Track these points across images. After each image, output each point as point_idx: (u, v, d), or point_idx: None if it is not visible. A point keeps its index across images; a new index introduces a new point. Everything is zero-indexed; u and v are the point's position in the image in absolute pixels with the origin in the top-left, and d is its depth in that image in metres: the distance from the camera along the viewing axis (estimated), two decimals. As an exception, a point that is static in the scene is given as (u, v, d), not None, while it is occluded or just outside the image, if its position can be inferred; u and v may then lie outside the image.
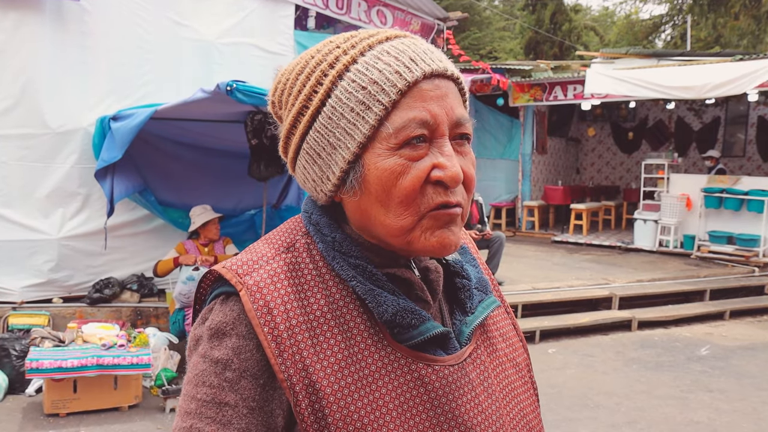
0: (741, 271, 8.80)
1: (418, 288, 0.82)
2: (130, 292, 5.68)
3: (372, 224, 0.79)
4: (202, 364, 0.76)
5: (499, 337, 0.92)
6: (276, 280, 0.77)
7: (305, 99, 0.79)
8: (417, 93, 0.75)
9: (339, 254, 0.80)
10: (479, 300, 0.88)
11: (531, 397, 0.93)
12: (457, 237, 0.79)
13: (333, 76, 0.77)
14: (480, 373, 0.83)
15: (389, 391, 0.76)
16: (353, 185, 0.77)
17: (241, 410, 0.73)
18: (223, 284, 0.79)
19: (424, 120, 0.74)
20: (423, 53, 0.78)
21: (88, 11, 5.52)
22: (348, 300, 0.78)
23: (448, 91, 0.78)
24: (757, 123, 13.27)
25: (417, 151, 0.75)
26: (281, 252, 0.81)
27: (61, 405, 4.30)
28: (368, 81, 0.75)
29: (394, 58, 0.76)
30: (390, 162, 0.74)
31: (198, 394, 0.75)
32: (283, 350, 0.73)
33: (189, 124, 5.58)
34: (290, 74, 0.82)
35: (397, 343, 0.78)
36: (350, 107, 0.75)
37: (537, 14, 21.95)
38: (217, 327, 0.76)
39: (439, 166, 0.75)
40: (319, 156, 0.79)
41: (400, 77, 0.74)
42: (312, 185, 0.82)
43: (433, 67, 0.76)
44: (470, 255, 0.96)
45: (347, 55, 0.78)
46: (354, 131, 0.75)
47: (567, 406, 4.68)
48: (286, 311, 0.75)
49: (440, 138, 0.76)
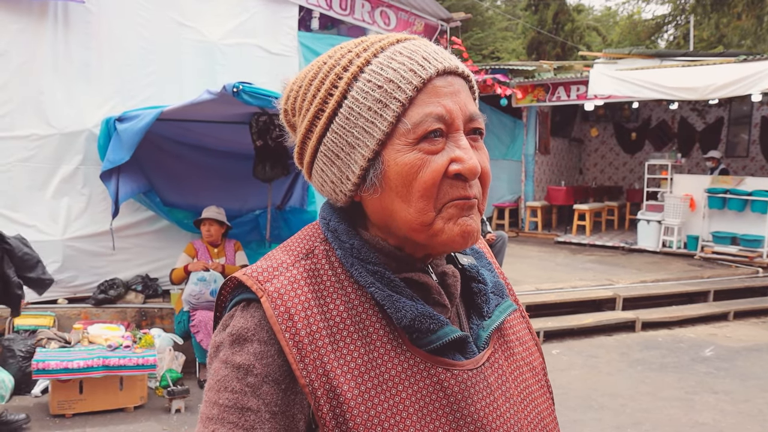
0: (745, 271, 8.79)
1: (436, 292, 0.83)
2: (135, 293, 5.69)
3: (393, 221, 0.80)
4: (224, 370, 0.76)
5: (516, 341, 0.93)
6: (296, 287, 0.78)
7: (321, 102, 0.80)
8: (431, 89, 0.77)
9: (357, 261, 0.81)
10: (496, 304, 0.89)
11: (547, 401, 0.94)
12: (477, 225, 0.80)
13: (348, 78, 0.79)
14: (498, 377, 0.84)
15: (409, 395, 0.76)
16: (373, 182, 0.79)
17: (264, 415, 0.74)
18: (243, 291, 0.80)
19: (440, 115, 0.77)
20: (434, 53, 0.80)
21: (93, 13, 5.54)
22: (367, 306, 0.79)
23: (461, 88, 0.80)
24: (760, 123, 13.24)
25: (435, 146, 0.77)
26: (300, 259, 0.82)
27: (66, 406, 4.31)
28: (384, 80, 0.77)
29: (408, 58, 0.78)
30: (409, 156, 0.76)
31: (220, 400, 0.75)
32: (304, 356, 0.74)
33: (194, 125, 5.59)
34: (303, 81, 0.84)
35: (416, 347, 0.79)
36: (368, 106, 0.77)
37: (539, 14, 21.95)
38: (239, 333, 0.77)
39: (457, 160, 0.77)
40: (337, 157, 0.80)
41: (415, 75, 0.77)
42: (331, 187, 0.83)
43: (446, 64, 0.79)
44: (486, 260, 0.97)
45: (360, 57, 0.80)
46: (373, 129, 0.77)
47: (572, 408, 4.68)
48: (307, 317, 0.76)
49: (455, 132, 0.78)
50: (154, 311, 5.58)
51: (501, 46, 22.65)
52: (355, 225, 0.85)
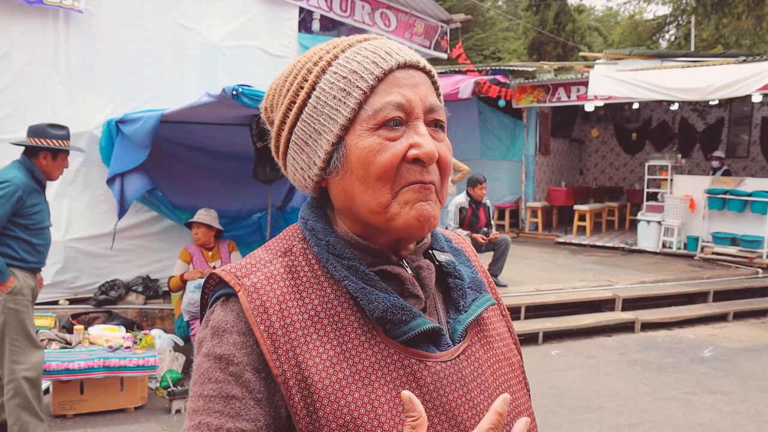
0: (745, 272, 8.79)
1: (410, 283, 0.86)
2: (136, 294, 5.72)
3: (354, 203, 0.84)
4: (207, 363, 0.80)
5: (496, 336, 0.95)
6: (272, 281, 0.82)
7: (293, 95, 0.86)
8: (392, 80, 0.83)
9: (333, 256, 0.84)
10: (473, 299, 0.91)
11: (525, 395, 0.96)
12: (435, 211, 0.83)
13: (317, 71, 0.85)
14: (474, 370, 0.86)
15: (382, 385, 0.78)
16: (336, 165, 0.83)
17: (248, 402, 0.76)
18: (223, 287, 0.84)
19: (399, 103, 0.81)
20: (398, 49, 0.86)
21: (94, 15, 5.57)
22: (342, 299, 0.82)
23: (421, 81, 0.85)
24: (761, 124, 13.24)
25: (394, 133, 0.81)
26: (278, 256, 0.86)
27: (68, 406, 4.33)
28: (348, 71, 0.83)
29: (371, 52, 0.84)
30: (369, 141, 0.81)
31: (204, 391, 0.78)
32: (277, 347, 0.77)
33: (194, 126, 5.61)
34: (279, 79, 0.90)
35: (389, 339, 0.81)
36: (332, 95, 0.83)
37: (540, 15, 21.97)
38: (218, 326, 0.80)
39: (415, 145, 0.81)
40: (306, 143, 0.86)
41: (376, 66, 0.82)
42: (300, 174, 0.89)
43: (407, 58, 0.85)
44: (465, 257, 0.99)
45: (329, 53, 0.86)
46: (336, 115, 0.82)
47: (570, 408, 4.70)
48: (282, 310, 0.79)
49: (415, 120, 0.83)
50: (155, 312, 5.61)
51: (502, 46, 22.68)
52: (331, 224, 0.89)
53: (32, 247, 3.73)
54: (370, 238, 0.86)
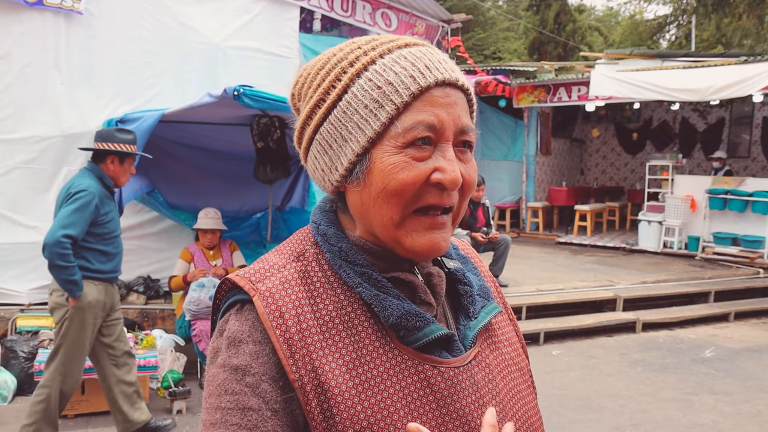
0: (746, 272, 8.79)
1: (422, 291, 0.86)
2: (137, 294, 5.72)
3: (368, 215, 0.83)
4: (223, 374, 0.79)
5: (505, 341, 0.96)
6: (287, 287, 0.81)
7: (323, 92, 0.83)
8: (428, 98, 0.80)
9: (345, 263, 0.84)
10: (482, 306, 0.91)
11: (533, 400, 0.96)
12: (446, 240, 0.83)
13: (352, 73, 0.82)
14: (485, 375, 0.86)
15: (396, 391, 0.79)
16: (358, 176, 0.82)
17: (265, 413, 0.76)
18: (237, 292, 0.83)
19: (431, 123, 0.79)
20: (438, 62, 0.82)
21: (95, 15, 5.56)
22: (355, 306, 0.82)
23: (457, 100, 0.82)
24: (761, 124, 13.23)
25: (421, 153, 0.79)
26: (291, 261, 0.85)
27: (69, 406, 4.32)
28: (384, 81, 0.80)
29: (410, 63, 0.80)
30: (395, 159, 0.79)
31: (221, 403, 0.77)
32: (294, 352, 0.77)
33: (195, 127, 5.61)
34: (312, 69, 0.87)
35: (403, 345, 0.81)
36: (364, 104, 0.80)
37: (541, 14, 21.97)
38: (234, 335, 0.80)
39: (440, 170, 0.79)
40: (330, 147, 0.84)
41: (413, 81, 0.79)
42: (321, 175, 0.87)
43: (446, 76, 0.81)
44: (471, 264, 1.00)
45: (367, 56, 0.83)
46: (365, 126, 0.80)
47: (571, 408, 4.70)
48: (297, 315, 0.79)
49: (444, 143, 0.80)
50: (156, 312, 5.60)
51: (502, 46, 22.67)
52: (343, 229, 0.88)
53: (107, 256, 3.66)
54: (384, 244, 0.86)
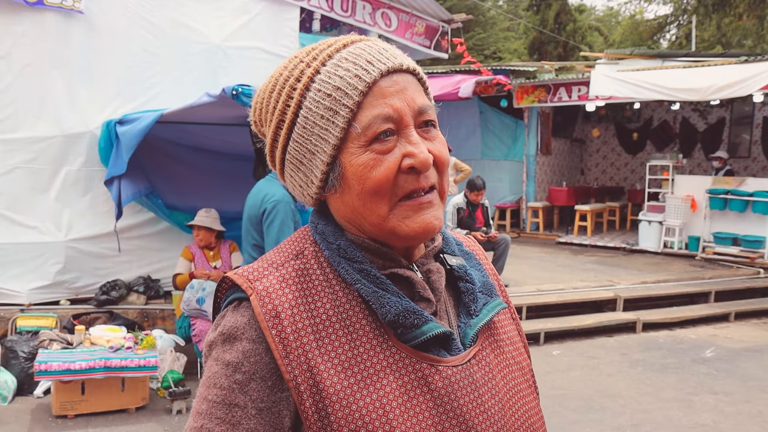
0: (746, 272, 8.78)
1: (420, 286, 0.86)
2: (137, 294, 5.72)
3: (355, 217, 0.84)
4: (215, 367, 0.80)
5: (507, 340, 0.95)
6: (284, 285, 0.82)
7: (280, 114, 0.85)
8: (377, 91, 0.81)
9: (344, 260, 0.84)
10: (484, 303, 0.91)
11: (535, 399, 0.96)
12: (438, 218, 0.83)
13: (300, 89, 0.83)
14: (485, 374, 0.86)
15: (393, 389, 0.78)
16: (334, 184, 0.83)
17: (250, 411, 0.77)
18: (235, 290, 0.84)
19: (387, 115, 0.80)
20: (378, 53, 0.83)
21: (95, 15, 5.56)
22: (354, 303, 0.82)
23: (407, 84, 0.83)
24: (762, 124, 13.22)
25: (386, 145, 0.80)
26: (290, 259, 0.86)
27: (69, 406, 4.33)
28: (332, 88, 0.81)
29: (352, 63, 0.81)
30: (363, 158, 0.80)
31: (209, 396, 0.79)
32: (289, 352, 0.77)
33: (194, 127, 5.60)
34: (264, 93, 0.88)
35: (401, 343, 0.81)
36: (320, 114, 0.81)
37: (541, 14, 21.97)
38: (229, 332, 0.80)
39: (409, 155, 0.80)
40: (301, 163, 0.85)
41: (359, 80, 0.80)
42: (300, 191, 0.89)
43: (389, 65, 0.82)
44: (475, 260, 0.99)
45: (310, 67, 0.83)
46: (327, 135, 0.81)
47: (572, 409, 4.69)
48: (293, 315, 0.79)
49: (405, 128, 0.81)
50: (156, 312, 5.60)
51: (503, 46, 22.68)
52: (341, 227, 0.88)
53: None
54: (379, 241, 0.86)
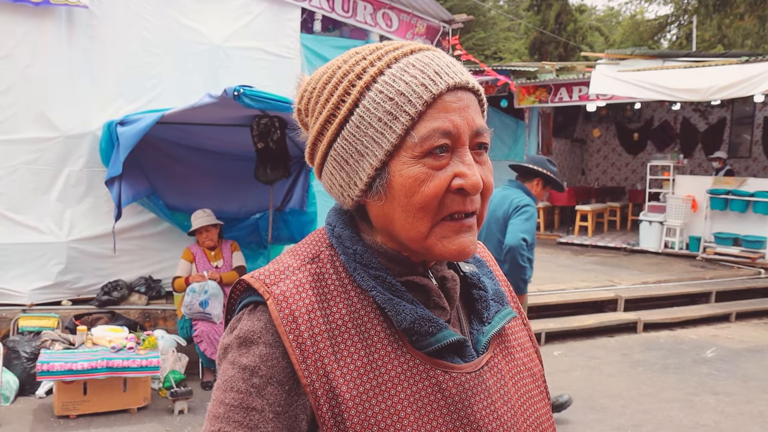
0: (747, 272, 8.78)
1: (435, 294, 0.86)
2: (138, 295, 5.72)
3: (394, 228, 0.82)
4: (231, 371, 0.80)
5: (518, 347, 0.95)
6: (301, 290, 0.81)
7: (333, 107, 0.82)
8: (441, 105, 0.79)
9: (360, 266, 0.83)
10: (496, 311, 0.91)
11: (546, 406, 0.96)
12: (474, 243, 0.83)
13: (360, 86, 0.80)
14: (497, 381, 0.86)
15: (407, 396, 0.79)
16: (379, 191, 0.81)
17: (267, 415, 0.77)
18: (251, 294, 0.83)
19: (447, 130, 0.78)
20: (446, 66, 0.81)
21: (96, 16, 5.57)
22: (369, 309, 0.82)
23: (470, 103, 0.82)
24: (763, 124, 13.22)
25: (439, 161, 0.79)
26: (306, 263, 0.85)
27: (71, 407, 4.34)
28: (395, 92, 0.79)
29: (420, 71, 0.79)
30: (414, 170, 0.78)
31: (226, 399, 0.79)
32: (306, 357, 0.77)
33: (195, 127, 5.61)
34: (317, 83, 0.85)
35: (415, 350, 0.81)
36: (378, 117, 0.79)
37: (542, 14, 21.96)
38: (245, 336, 0.80)
39: (461, 175, 0.79)
40: (346, 162, 0.82)
41: (426, 89, 0.78)
42: (339, 191, 0.86)
43: (456, 80, 0.80)
44: (487, 268, 0.99)
45: (374, 66, 0.81)
46: (381, 140, 0.79)
47: (572, 409, 4.70)
48: (310, 320, 0.79)
49: (461, 148, 0.80)
50: (158, 313, 5.61)
51: (503, 46, 22.67)
52: (358, 231, 0.88)
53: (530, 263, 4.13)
54: (402, 250, 0.86)
